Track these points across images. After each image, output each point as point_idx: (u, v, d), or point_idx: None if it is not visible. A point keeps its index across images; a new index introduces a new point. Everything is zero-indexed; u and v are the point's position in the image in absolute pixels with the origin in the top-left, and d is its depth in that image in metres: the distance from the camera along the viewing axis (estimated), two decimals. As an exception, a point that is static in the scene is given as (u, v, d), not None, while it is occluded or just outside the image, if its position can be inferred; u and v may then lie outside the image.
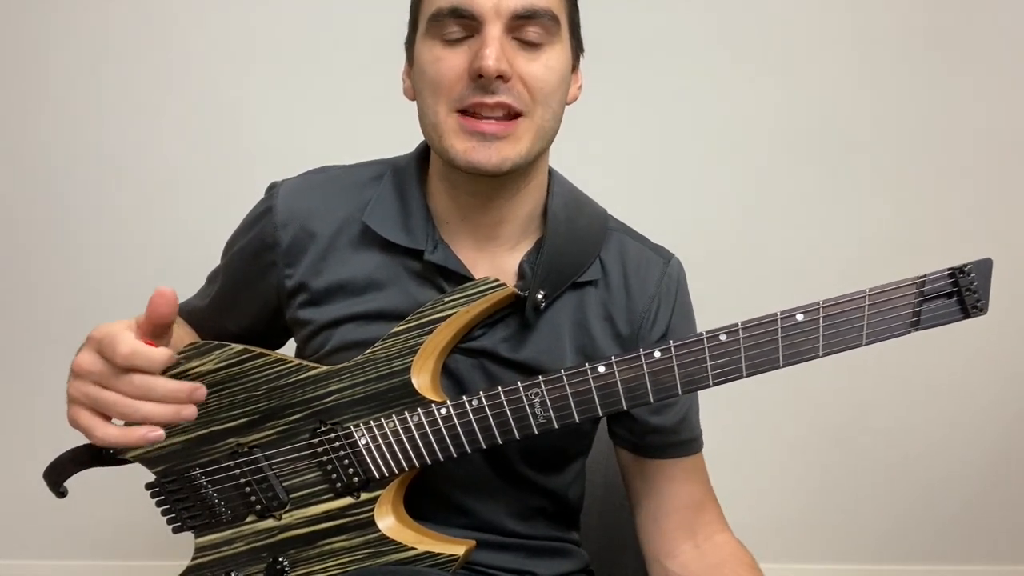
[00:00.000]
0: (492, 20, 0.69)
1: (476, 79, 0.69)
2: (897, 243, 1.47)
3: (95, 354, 0.65)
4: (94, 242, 1.47)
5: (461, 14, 0.70)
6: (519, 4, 0.70)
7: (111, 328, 0.66)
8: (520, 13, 0.70)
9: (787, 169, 1.45)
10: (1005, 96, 1.42)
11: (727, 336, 0.69)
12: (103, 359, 0.65)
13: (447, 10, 0.70)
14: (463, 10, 0.70)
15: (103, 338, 0.65)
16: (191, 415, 0.67)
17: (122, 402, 0.65)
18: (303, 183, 0.84)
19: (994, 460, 1.60)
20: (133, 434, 0.65)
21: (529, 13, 0.70)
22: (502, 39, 0.70)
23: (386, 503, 0.77)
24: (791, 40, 1.40)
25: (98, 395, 0.65)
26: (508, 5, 0.70)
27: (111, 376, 0.65)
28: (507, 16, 0.70)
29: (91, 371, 0.65)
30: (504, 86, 0.70)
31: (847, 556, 1.65)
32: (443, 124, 0.72)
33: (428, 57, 0.73)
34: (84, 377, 0.65)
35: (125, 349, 0.64)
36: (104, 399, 0.65)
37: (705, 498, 0.86)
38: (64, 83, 1.41)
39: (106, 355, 0.65)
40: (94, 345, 0.65)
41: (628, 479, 0.89)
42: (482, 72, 0.68)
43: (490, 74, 0.68)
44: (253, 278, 0.84)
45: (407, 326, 0.75)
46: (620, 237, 0.85)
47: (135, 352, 0.64)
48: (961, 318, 0.66)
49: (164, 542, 0.86)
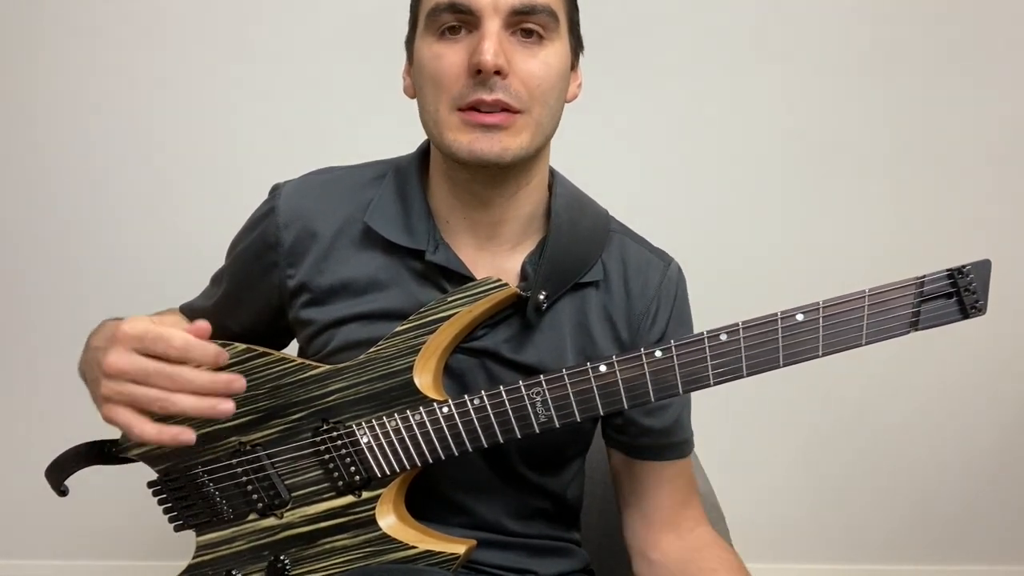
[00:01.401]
0: (490, 15, 0.69)
1: (474, 75, 0.69)
2: (896, 244, 1.47)
3: (130, 352, 0.65)
4: (95, 243, 1.47)
5: (459, 9, 0.70)
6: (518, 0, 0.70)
7: (147, 324, 0.66)
8: (519, 9, 0.70)
9: (787, 170, 1.46)
10: (1005, 97, 1.43)
11: (728, 336, 0.69)
12: (143, 355, 0.65)
13: (445, 5, 0.70)
14: (461, 5, 0.70)
15: (145, 334, 0.65)
16: (228, 410, 0.67)
17: (162, 396, 0.65)
18: (305, 184, 0.84)
19: (994, 460, 1.60)
20: (168, 432, 0.65)
21: (528, 9, 0.70)
22: (500, 35, 0.70)
23: (387, 502, 0.77)
24: (790, 41, 1.40)
25: (137, 393, 0.65)
26: (507, 0, 0.70)
27: (151, 372, 0.65)
28: (505, 12, 0.70)
29: (127, 369, 0.65)
30: (502, 83, 0.70)
31: (847, 556, 1.65)
32: (445, 121, 0.72)
33: (428, 54, 0.73)
34: (119, 376, 0.65)
35: (180, 342, 0.64)
36: (144, 395, 0.65)
37: (690, 496, 0.88)
38: (64, 84, 1.41)
39: (155, 350, 0.64)
40: (131, 343, 0.65)
41: (618, 479, 0.90)
42: (480, 67, 0.68)
43: (488, 69, 0.68)
44: (256, 278, 0.84)
45: (409, 325, 0.75)
46: (621, 239, 0.85)
47: (190, 344, 0.64)
48: (960, 319, 0.67)
49: (164, 542, 0.86)
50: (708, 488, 1.04)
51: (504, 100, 0.70)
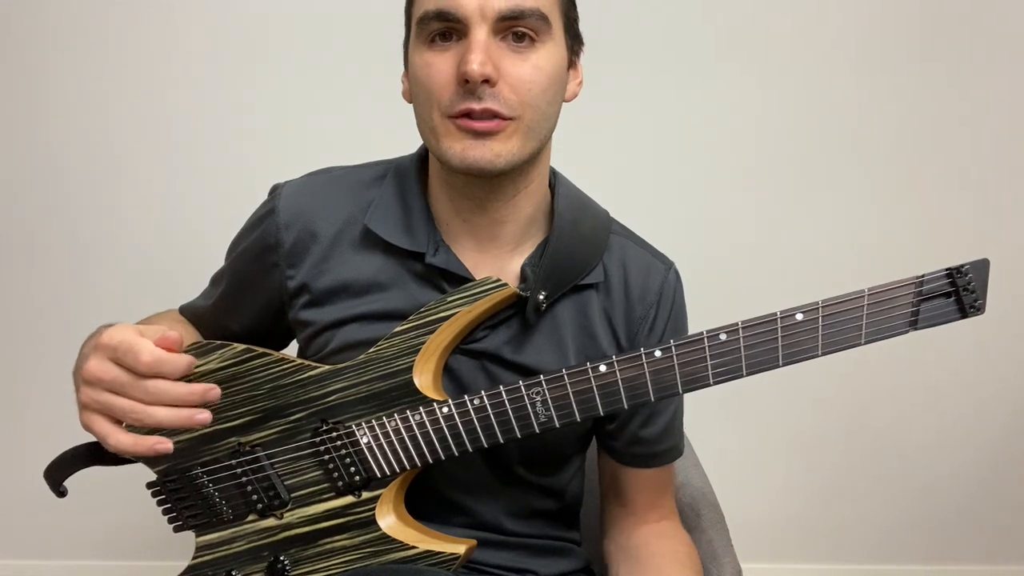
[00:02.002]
0: (478, 23, 0.68)
1: (463, 84, 0.69)
2: (895, 243, 1.47)
3: (108, 361, 0.65)
4: (95, 243, 1.47)
5: (447, 17, 0.69)
6: (505, 5, 0.68)
7: (124, 335, 0.65)
8: (506, 14, 0.69)
9: (786, 170, 1.46)
10: (1003, 97, 1.42)
11: (727, 335, 0.69)
12: (118, 366, 0.65)
13: (433, 13, 0.69)
14: (448, 13, 0.69)
15: (119, 345, 0.64)
16: (205, 420, 0.67)
17: (137, 408, 0.64)
18: (305, 184, 0.84)
19: (993, 460, 1.60)
20: (144, 443, 0.65)
21: (516, 13, 0.69)
22: (488, 42, 0.69)
23: (387, 502, 0.77)
24: (789, 41, 1.40)
25: (112, 402, 0.65)
26: (493, 6, 0.68)
27: (125, 383, 0.64)
28: (493, 18, 0.69)
29: (103, 378, 0.65)
30: (490, 91, 0.69)
31: (847, 556, 1.65)
32: (438, 128, 0.72)
33: (419, 62, 0.72)
34: (96, 384, 0.65)
35: (148, 357, 0.64)
36: (119, 406, 0.65)
37: (664, 493, 0.91)
38: (66, 83, 1.41)
39: (125, 363, 0.64)
40: (108, 352, 0.65)
41: (604, 477, 0.92)
42: (467, 77, 0.67)
43: (475, 79, 0.67)
44: (256, 279, 0.84)
45: (409, 326, 0.75)
46: (623, 241, 0.85)
47: (159, 360, 0.64)
48: (959, 318, 0.67)
49: (164, 542, 0.86)
50: (708, 488, 1.04)
51: (493, 108, 0.69)
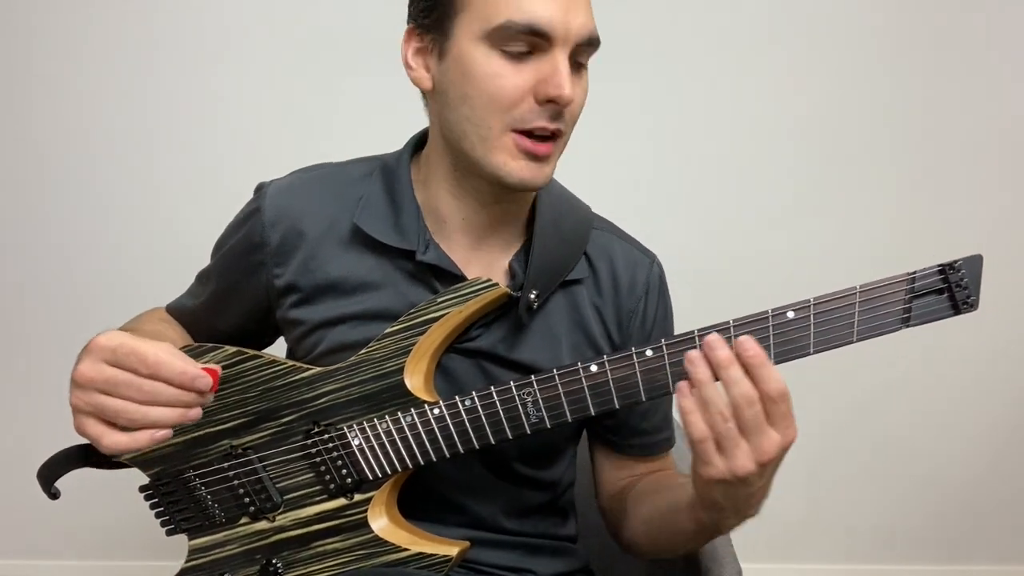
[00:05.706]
0: (562, 45, 0.69)
1: (544, 103, 0.70)
2: (887, 240, 1.47)
3: (101, 363, 0.65)
4: (92, 244, 1.48)
5: (536, 32, 0.69)
6: (586, 32, 0.71)
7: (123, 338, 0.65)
8: (583, 42, 0.71)
9: (778, 168, 1.46)
10: (997, 94, 1.42)
11: (718, 334, 0.68)
12: (112, 367, 0.64)
13: (522, 26, 0.68)
14: (539, 29, 0.68)
15: (118, 347, 0.64)
16: (196, 416, 0.67)
17: (130, 408, 0.64)
18: (291, 182, 0.84)
19: (994, 460, 1.59)
20: (140, 438, 0.65)
21: (591, 42, 0.72)
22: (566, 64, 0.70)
23: (379, 504, 0.77)
24: (788, 41, 1.40)
25: (104, 403, 0.64)
26: (578, 32, 0.70)
27: (119, 382, 0.64)
28: (575, 42, 0.70)
29: (95, 379, 0.64)
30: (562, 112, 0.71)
31: (847, 556, 1.65)
32: (495, 140, 0.71)
33: (487, 69, 0.70)
34: (87, 387, 0.65)
35: (152, 359, 0.64)
36: (111, 407, 0.64)
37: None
38: (56, 83, 1.41)
39: (127, 364, 0.64)
40: (104, 354, 0.65)
41: (599, 467, 0.91)
42: (558, 100, 0.69)
43: (566, 103, 0.69)
44: (243, 278, 0.84)
45: (400, 327, 0.75)
46: (607, 236, 0.86)
47: (160, 363, 0.64)
48: (952, 314, 0.66)
49: (163, 542, 0.86)
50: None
51: (562, 129, 0.72)
